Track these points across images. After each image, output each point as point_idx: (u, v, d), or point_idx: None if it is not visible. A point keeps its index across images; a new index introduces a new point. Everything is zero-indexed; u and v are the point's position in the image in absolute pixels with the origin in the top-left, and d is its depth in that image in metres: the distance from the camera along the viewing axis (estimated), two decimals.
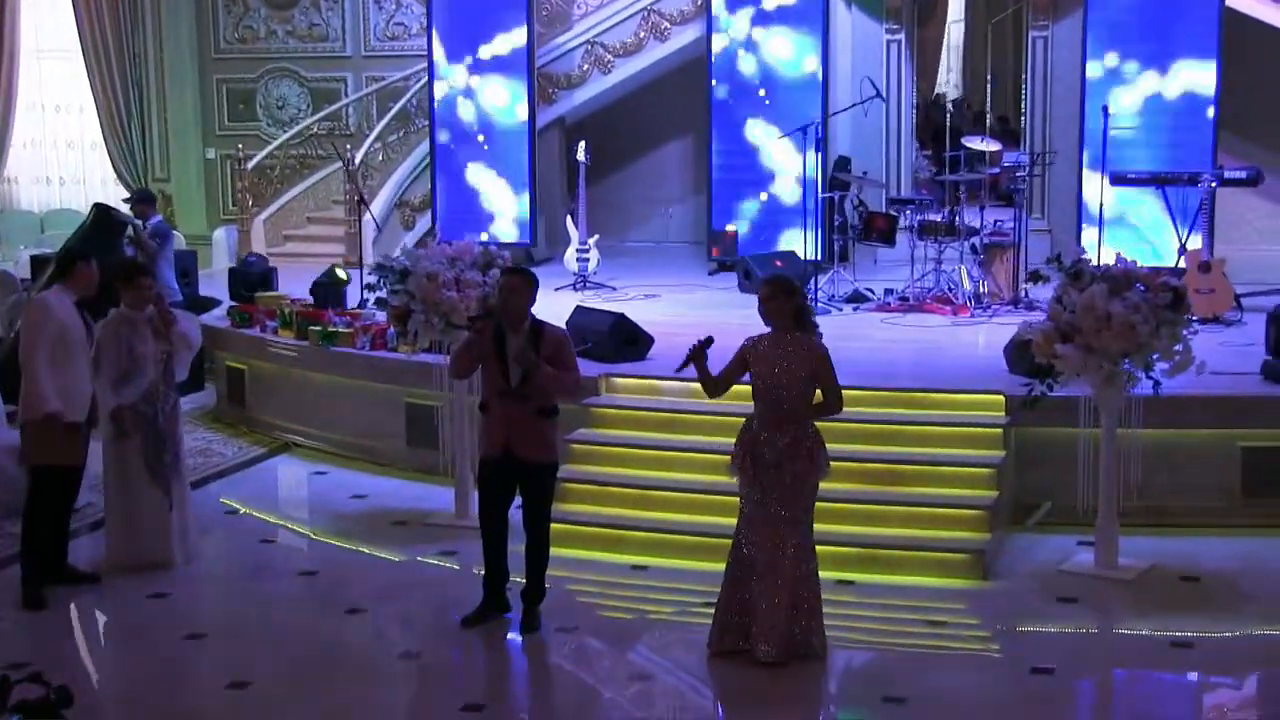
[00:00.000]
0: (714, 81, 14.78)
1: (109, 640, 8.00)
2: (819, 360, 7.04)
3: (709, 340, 7.20)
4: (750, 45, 14.64)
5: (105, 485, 8.74)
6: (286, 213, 16.74)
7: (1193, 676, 7.29)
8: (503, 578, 7.73)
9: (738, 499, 7.28)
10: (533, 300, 7.63)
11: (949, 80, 20.34)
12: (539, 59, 15.43)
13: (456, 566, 8.70)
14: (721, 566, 7.36)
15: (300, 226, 16.73)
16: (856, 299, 12.69)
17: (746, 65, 14.67)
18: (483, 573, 7.74)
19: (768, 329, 7.14)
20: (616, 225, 16.12)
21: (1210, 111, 13.10)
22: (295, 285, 12.89)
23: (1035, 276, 8.65)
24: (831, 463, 7.24)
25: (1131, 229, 13.19)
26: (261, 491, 10.68)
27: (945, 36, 19.75)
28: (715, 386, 7.32)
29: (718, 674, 7.14)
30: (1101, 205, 12.66)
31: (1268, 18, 13.22)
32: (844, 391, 7.20)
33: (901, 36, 14.74)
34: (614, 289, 13.68)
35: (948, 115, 17.58)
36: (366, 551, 9.10)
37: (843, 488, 8.53)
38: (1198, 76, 13.13)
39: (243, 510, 10.05)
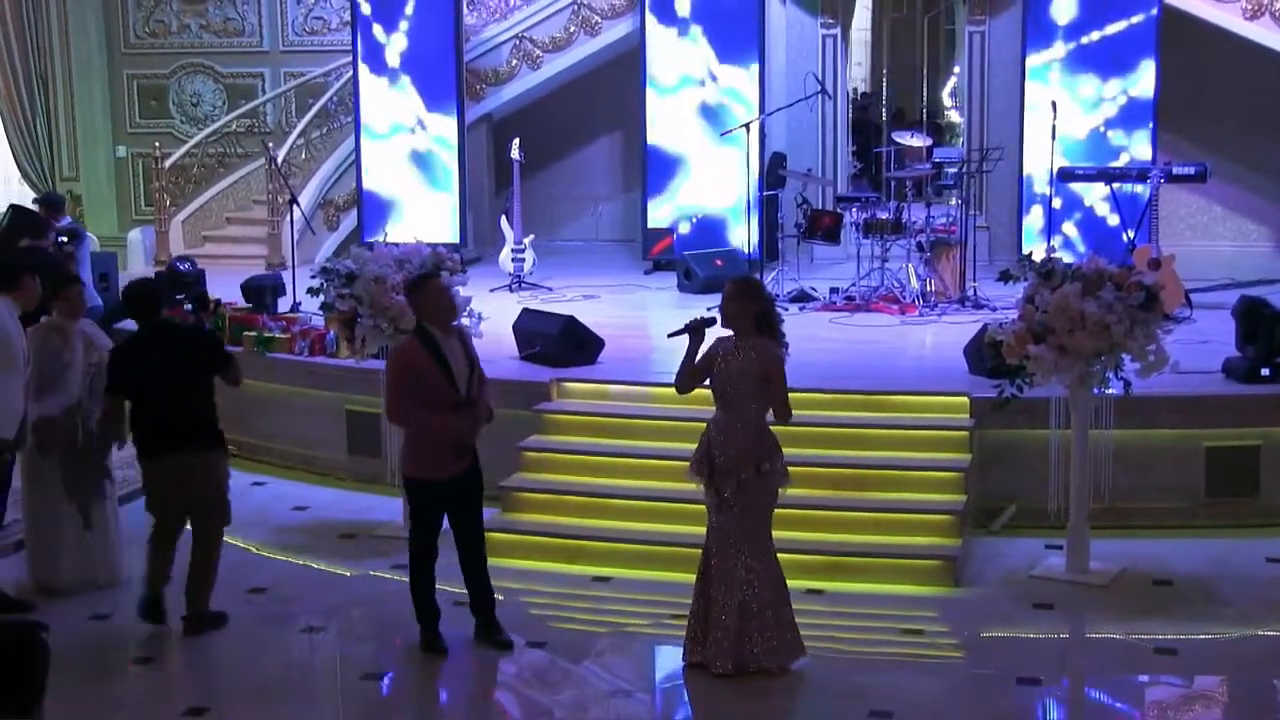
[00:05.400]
0: (648, 77, 14.54)
1: (51, 667, 7.53)
2: (770, 365, 6.83)
3: (711, 320, 6.92)
4: (684, 41, 14.40)
5: (23, 503, 8.38)
6: (205, 213, 16.30)
7: (1179, 684, 7.22)
8: (439, 614, 7.36)
9: (701, 506, 7.11)
10: None
11: (855, 75, 20.32)
12: (466, 54, 15.11)
13: (407, 579, 8.32)
14: (686, 576, 7.25)
15: (220, 227, 16.29)
16: (802, 298, 12.50)
17: (681, 60, 14.44)
18: (416, 605, 7.35)
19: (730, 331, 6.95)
20: (545, 223, 15.90)
21: (1150, 106, 13.16)
22: (217, 288, 12.48)
23: (1007, 276, 8.49)
24: (793, 468, 7.06)
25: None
26: None
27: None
28: (689, 378, 7.04)
29: (694, 689, 6.94)
30: (1051, 198, 12.62)
31: (1203, 13, 13.28)
32: (804, 394, 7.12)
33: (837, 31, 14.64)
34: (551, 290, 13.43)
35: (872, 109, 17.56)
36: (316, 566, 8.80)
37: (807, 494, 8.34)
38: (1137, 72, 13.14)
39: None
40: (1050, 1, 13.31)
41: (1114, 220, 12.26)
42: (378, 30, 14.95)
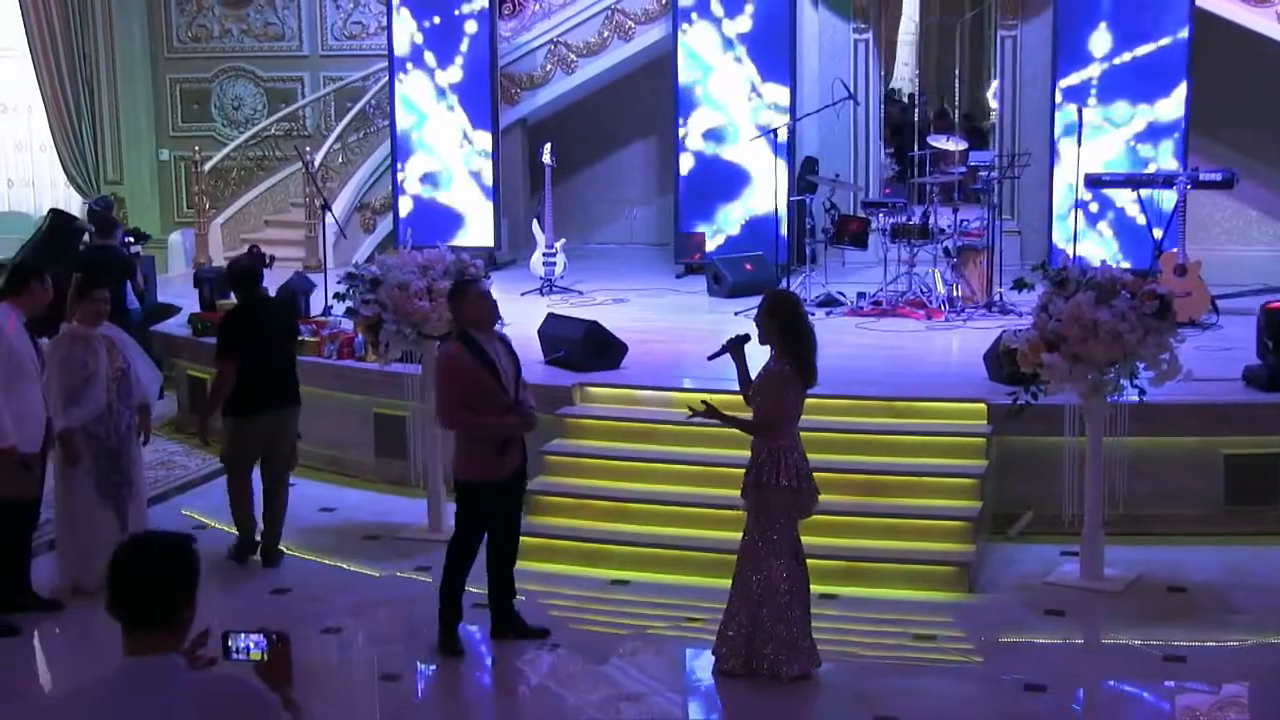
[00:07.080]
0: (680, 80, 14.59)
1: (77, 665, 7.67)
2: (762, 376, 6.89)
3: (746, 337, 7.00)
4: (728, 56, 14.43)
5: (55, 506, 8.43)
6: (244, 215, 16.46)
7: (1187, 691, 7.24)
8: (461, 617, 7.46)
9: (719, 511, 7.31)
10: None
11: (903, 75, 20.29)
12: (501, 59, 15.22)
13: (430, 580, 8.43)
14: (705, 580, 7.48)
15: (258, 229, 16.41)
16: (829, 303, 12.53)
17: (713, 63, 14.50)
18: (443, 606, 7.43)
19: None
20: (579, 226, 16.01)
21: (1181, 123, 13.09)
22: None
23: (1020, 284, 8.53)
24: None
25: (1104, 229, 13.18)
26: (227, 504, 10.29)
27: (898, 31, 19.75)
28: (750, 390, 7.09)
29: (708, 691, 7.06)
30: (1077, 204, 12.62)
31: (1237, 18, 13.23)
32: (823, 400, 7.05)
33: (869, 36, 14.65)
34: (581, 294, 13.52)
35: (914, 111, 17.53)
36: (340, 566, 8.91)
37: (823, 499, 8.19)
38: (1169, 93, 13.12)
39: (209, 524, 9.76)
40: (1081, 20, 13.25)
41: (1144, 222, 12.25)
42: (429, 57, 15.04)
